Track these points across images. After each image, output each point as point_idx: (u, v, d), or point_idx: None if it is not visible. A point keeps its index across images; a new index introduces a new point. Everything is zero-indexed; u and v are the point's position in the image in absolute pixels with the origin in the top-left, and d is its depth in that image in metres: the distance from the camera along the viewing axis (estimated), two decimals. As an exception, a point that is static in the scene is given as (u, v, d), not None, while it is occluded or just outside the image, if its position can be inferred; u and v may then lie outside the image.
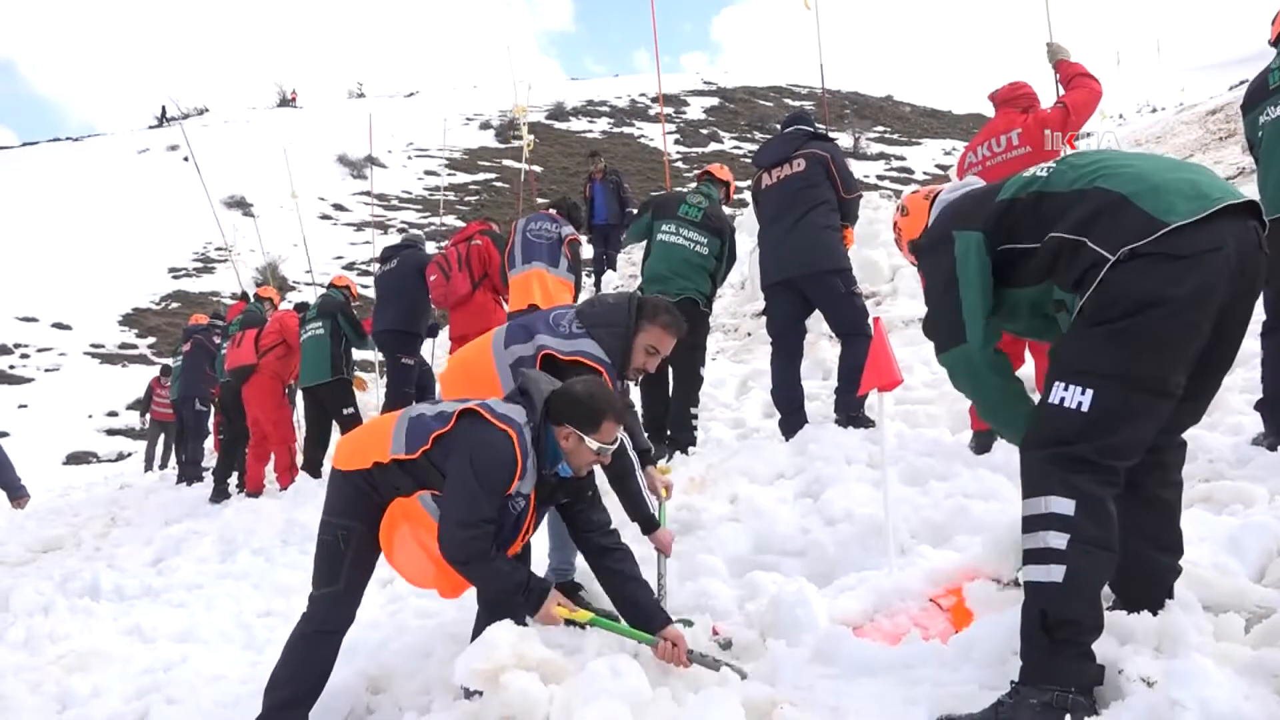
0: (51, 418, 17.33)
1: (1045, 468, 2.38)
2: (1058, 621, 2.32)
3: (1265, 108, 4.31)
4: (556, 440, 3.14)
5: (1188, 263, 2.27)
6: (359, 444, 3.31)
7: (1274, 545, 3.14)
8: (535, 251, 6.65)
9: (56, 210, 30.32)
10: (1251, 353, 4.91)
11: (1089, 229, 2.40)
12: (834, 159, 5.80)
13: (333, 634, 3.29)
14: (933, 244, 2.82)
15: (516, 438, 3.03)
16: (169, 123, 45.43)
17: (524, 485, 3.08)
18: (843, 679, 2.85)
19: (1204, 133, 14.38)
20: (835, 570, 3.90)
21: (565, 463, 3.16)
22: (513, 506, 3.09)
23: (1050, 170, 2.63)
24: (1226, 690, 2.20)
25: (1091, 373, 2.35)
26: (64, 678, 4.49)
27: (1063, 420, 2.37)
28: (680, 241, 6.13)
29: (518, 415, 3.11)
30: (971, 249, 2.63)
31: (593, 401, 3.13)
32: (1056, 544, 2.31)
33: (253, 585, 5.70)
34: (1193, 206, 2.30)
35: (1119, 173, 2.48)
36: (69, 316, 23.00)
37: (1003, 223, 2.63)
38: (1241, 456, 4.13)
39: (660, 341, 3.77)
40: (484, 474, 3.00)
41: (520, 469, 3.02)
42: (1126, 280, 2.31)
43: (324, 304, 8.67)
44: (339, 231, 30.99)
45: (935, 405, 6.16)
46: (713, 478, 5.19)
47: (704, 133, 43.00)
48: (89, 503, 10.76)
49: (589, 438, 3.10)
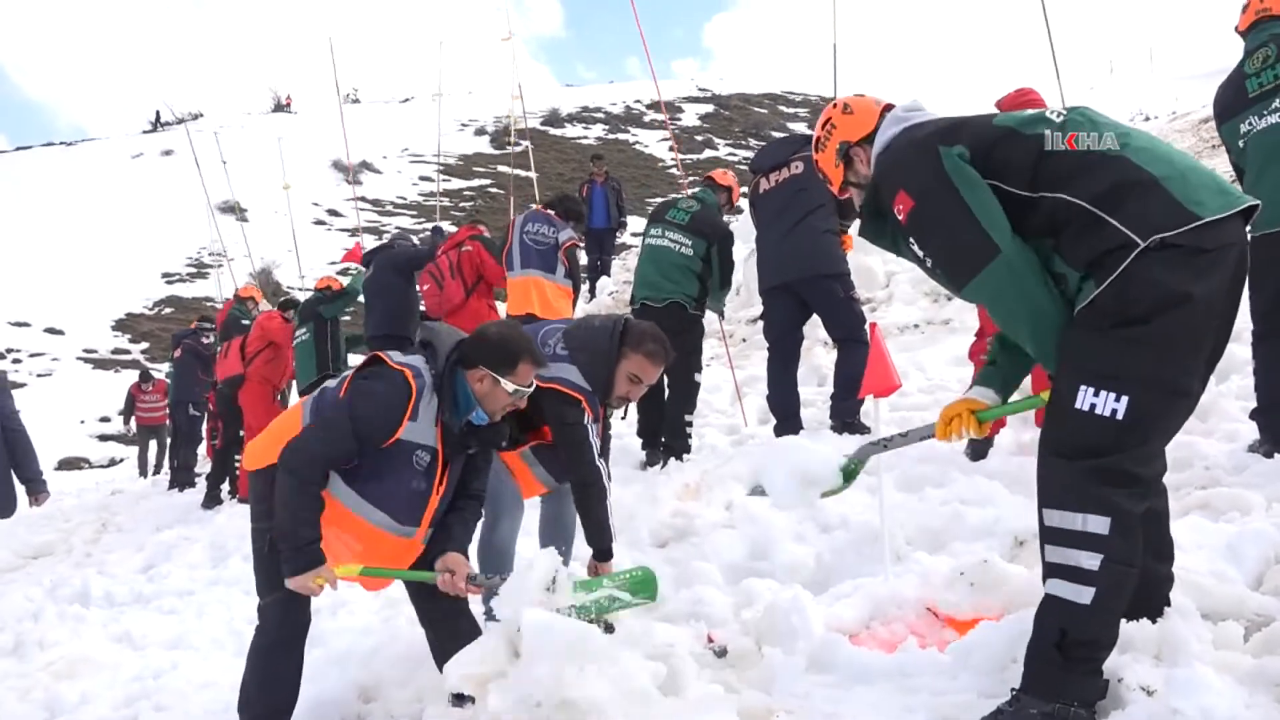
0: (43, 423, 17.20)
1: (1082, 482, 2.24)
2: (1076, 641, 2.25)
3: (1246, 118, 4.18)
4: (469, 385, 3.09)
5: (1211, 257, 2.18)
6: (270, 437, 3.23)
7: (1272, 553, 3.12)
8: (531, 258, 6.63)
9: (50, 215, 30.24)
10: (1245, 359, 4.94)
11: (1115, 207, 2.22)
12: None
13: (291, 641, 3.23)
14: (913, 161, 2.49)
15: (412, 376, 3.01)
16: (163, 127, 45.39)
17: (419, 431, 3.01)
18: (839, 687, 2.83)
19: (1197, 141, 14.44)
20: (831, 577, 3.88)
21: (479, 408, 3.12)
22: (417, 461, 3.04)
23: (1062, 119, 2.39)
24: (1227, 699, 2.19)
25: (1123, 377, 2.21)
26: (53, 685, 4.46)
27: (1096, 428, 2.23)
28: (665, 244, 6.13)
29: (417, 362, 3.09)
30: (969, 171, 2.37)
31: (508, 343, 3.11)
32: (1089, 565, 2.22)
33: (244, 592, 5.65)
34: (1220, 202, 2.22)
35: (1146, 149, 2.32)
36: (62, 322, 22.94)
37: (994, 153, 2.39)
38: (1238, 464, 4.13)
39: (644, 370, 3.60)
40: (361, 412, 2.97)
41: (411, 408, 2.97)
42: (1153, 274, 2.17)
43: (303, 309, 8.70)
44: (333, 237, 30.96)
45: (931, 412, 6.14)
46: (708, 484, 5.17)
47: (699, 139, 43.06)
48: (80, 508, 10.73)
49: (504, 379, 3.06)
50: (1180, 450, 4.31)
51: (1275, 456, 4.03)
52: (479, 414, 3.13)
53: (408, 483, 3.05)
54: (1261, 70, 4.15)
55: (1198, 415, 4.59)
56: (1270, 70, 4.12)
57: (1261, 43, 4.21)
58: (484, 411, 3.12)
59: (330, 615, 4.91)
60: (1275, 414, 4.14)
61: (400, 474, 3.05)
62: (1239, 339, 5.19)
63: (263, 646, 3.21)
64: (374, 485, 3.06)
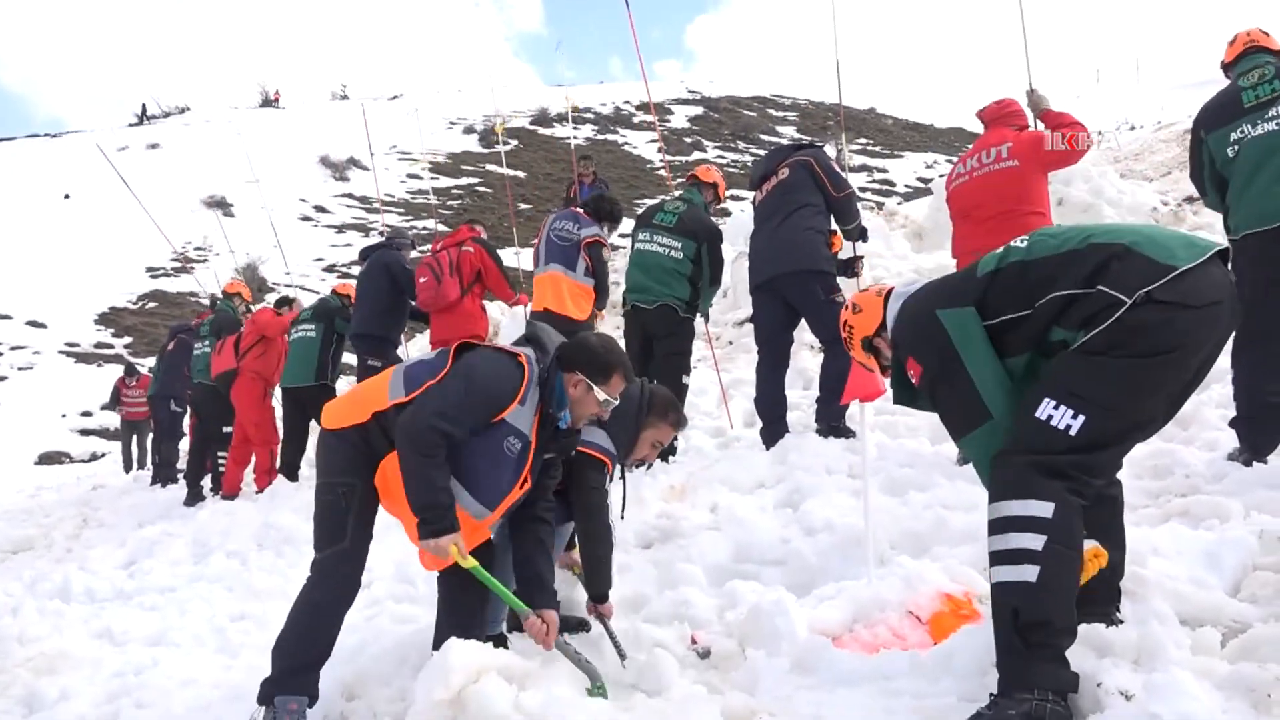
0: (24, 417, 17.10)
1: (1026, 474, 2.40)
2: (1031, 623, 2.33)
3: (1240, 126, 4.32)
4: (564, 386, 3.19)
5: (1199, 314, 2.37)
6: (353, 401, 3.31)
7: (1249, 560, 3.16)
8: (555, 254, 6.72)
9: (33, 207, 29.98)
10: (1224, 369, 4.98)
11: (1099, 278, 2.42)
12: (818, 161, 5.80)
13: (342, 599, 3.29)
14: (917, 331, 2.75)
15: (527, 363, 3.10)
16: (150, 120, 45.11)
17: (521, 417, 3.09)
18: (822, 689, 2.85)
19: (1181, 150, 14.57)
20: (815, 580, 3.90)
21: (567, 411, 3.21)
22: (509, 447, 3.09)
23: (1028, 242, 2.66)
24: (1204, 704, 2.22)
25: (1087, 399, 2.38)
26: (32, 681, 4.42)
27: (1048, 436, 2.40)
28: (655, 249, 6.18)
29: (529, 352, 3.19)
30: (969, 322, 2.60)
31: (606, 354, 3.22)
32: (1032, 545, 2.34)
33: (226, 589, 5.63)
34: (1191, 254, 2.41)
35: (1109, 230, 2.56)
36: (44, 314, 22.72)
37: (988, 296, 2.61)
38: (1217, 472, 4.17)
39: (664, 436, 3.83)
40: (479, 382, 3.04)
41: (522, 392, 3.06)
42: (1143, 323, 2.35)
43: (320, 307, 8.63)
44: (320, 233, 30.80)
45: (915, 416, 6.17)
46: (693, 486, 5.19)
47: (688, 141, 43.11)
48: (61, 503, 10.63)
49: (598, 388, 3.17)
50: (1161, 458, 4.35)
51: (1254, 465, 4.08)
52: (565, 416, 3.22)
53: (495, 466, 3.11)
54: (1259, 84, 4.35)
55: (1178, 423, 4.65)
56: (1268, 84, 4.31)
57: (1257, 64, 4.41)
58: (570, 415, 3.23)
59: (313, 613, 4.90)
60: (1254, 423, 4.19)
61: (491, 456, 3.11)
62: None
63: (313, 600, 3.26)
64: (463, 460, 3.10)
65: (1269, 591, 2.96)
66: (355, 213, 33.29)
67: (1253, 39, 4.56)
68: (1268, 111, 4.25)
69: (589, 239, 6.67)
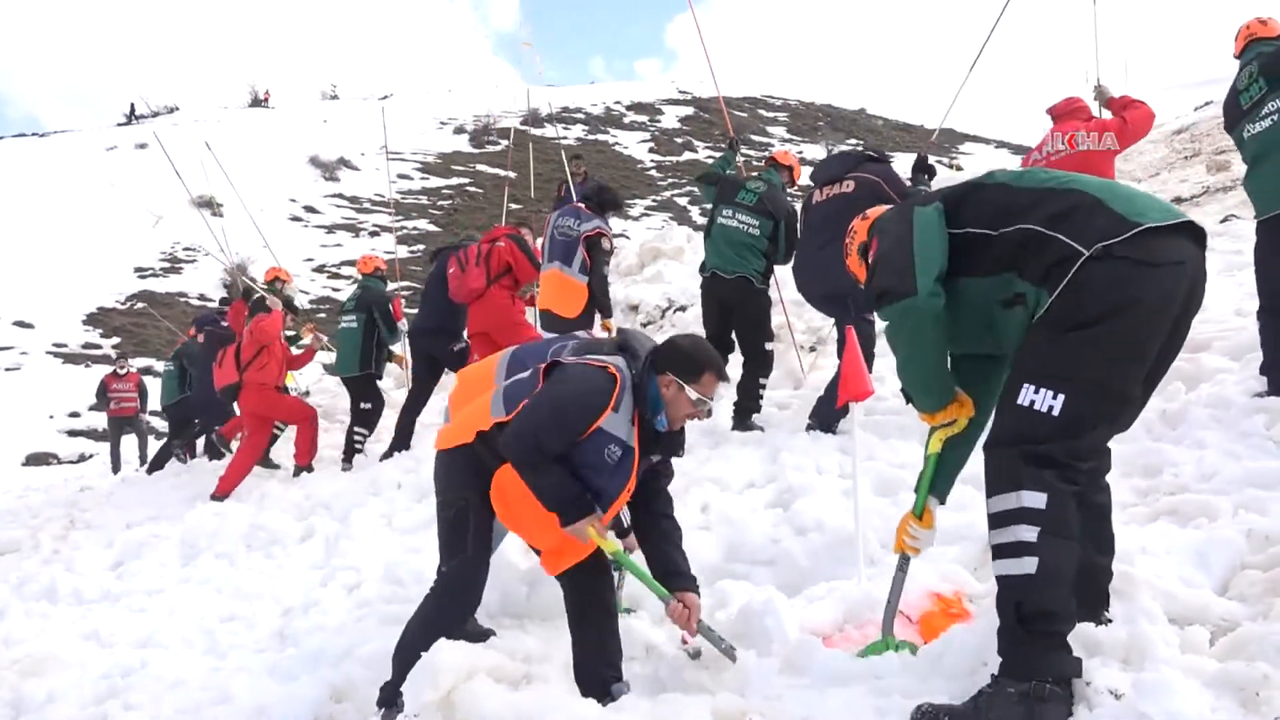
0: (11, 418, 16.98)
1: (1015, 463, 2.42)
2: (1034, 613, 2.36)
3: (1245, 125, 4.80)
4: (659, 389, 3.22)
5: (1158, 271, 2.36)
6: (459, 424, 3.44)
7: (1238, 559, 3.18)
8: (556, 251, 6.97)
9: (20, 207, 29.77)
10: (1214, 369, 5.02)
11: (1061, 224, 2.45)
12: (888, 181, 5.73)
13: (464, 608, 3.42)
14: (890, 216, 2.86)
15: (618, 374, 3.15)
16: (138, 120, 44.91)
17: (618, 424, 3.13)
18: (813, 689, 2.85)
19: (1169, 151, 14.62)
20: (805, 580, 3.91)
21: (663, 414, 3.24)
22: (609, 454, 3.14)
23: (1021, 171, 2.71)
24: (1193, 702, 2.23)
25: (1063, 377, 2.40)
26: (19, 683, 4.40)
27: (1033, 421, 2.43)
28: (735, 225, 6.43)
29: (619, 361, 3.23)
30: (932, 216, 2.67)
31: (696, 354, 3.26)
32: (1027, 537, 2.37)
33: (215, 590, 5.61)
34: (1164, 214, 2.43)
35: (1091, 182, 2.59)
36: (31, 315, 22.58)
37: (962, 205, 2.66)
38: (1205, 471, 4.18)
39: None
40: (567, 397, 3.11)
41: (613, 401, 3.10)
42: (1098, 281, 2.36)
43: (363, 296, 8.75)
44: (310, 234, 30.70)
45: (906, 416, 6.17)
46: (684, 485, 5.18)
47: (679, 141, 43.12)
48: (48, 504, 10.53)
49: (689, 387, 3.19)
50: (1149, 457, 4.37)
51: (1242, 464, 4.09)
52: (662, 419, 3.25)
53: (598, 473, 3.17)
54: (1249, 86, 4.83)
55: (1168, 423, 4.67)
56: (1256, 84, 4.79)
57: (1248, 61, 4.89)
58: (666, 417, 3.25)
59: (302, 614, 4.88)
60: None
61: (592, 464, 3.16)
62: (1208, 348, 5.29)
63: (439, 607, 3.36)
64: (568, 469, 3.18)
65: (1257, 590, 2.97)
66: (345, 213, 33.19)
67: (1252, 31, 5.01)
68: (1260, 111, 4.69)
69: (590, 233, 6.89)
